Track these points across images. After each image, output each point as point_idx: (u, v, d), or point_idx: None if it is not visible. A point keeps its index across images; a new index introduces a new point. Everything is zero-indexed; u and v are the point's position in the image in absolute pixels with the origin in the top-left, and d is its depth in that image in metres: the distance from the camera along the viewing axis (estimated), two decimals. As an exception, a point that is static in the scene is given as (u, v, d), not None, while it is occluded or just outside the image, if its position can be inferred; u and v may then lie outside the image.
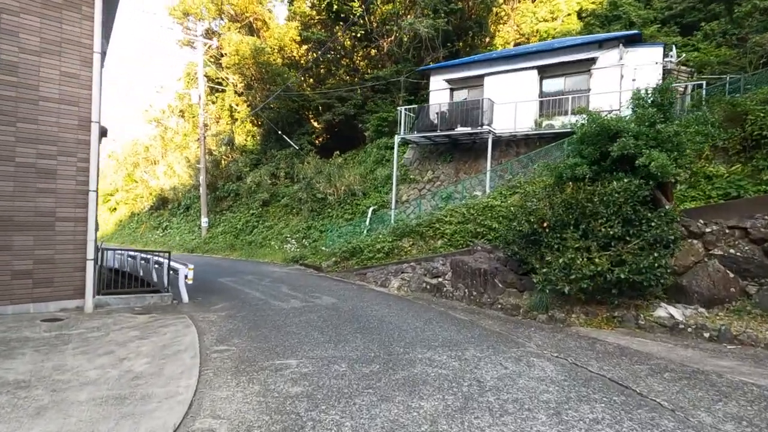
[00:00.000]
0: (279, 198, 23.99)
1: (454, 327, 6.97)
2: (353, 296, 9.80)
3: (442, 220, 13.44)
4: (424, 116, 17.10)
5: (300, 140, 25.87)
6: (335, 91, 25.84)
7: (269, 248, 20.63)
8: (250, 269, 15.40)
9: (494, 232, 12.12)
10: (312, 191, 21.52)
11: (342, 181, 20.64)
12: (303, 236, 20.35)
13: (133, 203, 35.60)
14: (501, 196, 13.28)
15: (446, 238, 13.01)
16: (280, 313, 7.95)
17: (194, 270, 15.85)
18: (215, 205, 26.12)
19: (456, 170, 17.60)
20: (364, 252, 14.24)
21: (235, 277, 13.27)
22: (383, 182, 19.81)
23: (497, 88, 16.68)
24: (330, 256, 15.70)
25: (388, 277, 11.76)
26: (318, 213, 21.12)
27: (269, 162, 26.52)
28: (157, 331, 6.43)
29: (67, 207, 6.95)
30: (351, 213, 19.71)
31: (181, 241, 26.06)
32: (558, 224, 7.43)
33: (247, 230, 23.49)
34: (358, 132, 26.59)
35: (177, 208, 29.95)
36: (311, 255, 17.09)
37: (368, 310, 8.17)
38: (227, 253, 21.82)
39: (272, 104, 25.66)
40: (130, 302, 7.95)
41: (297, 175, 23.19)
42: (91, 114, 7.01)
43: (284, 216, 22.86)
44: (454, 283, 9.71)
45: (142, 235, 31.19)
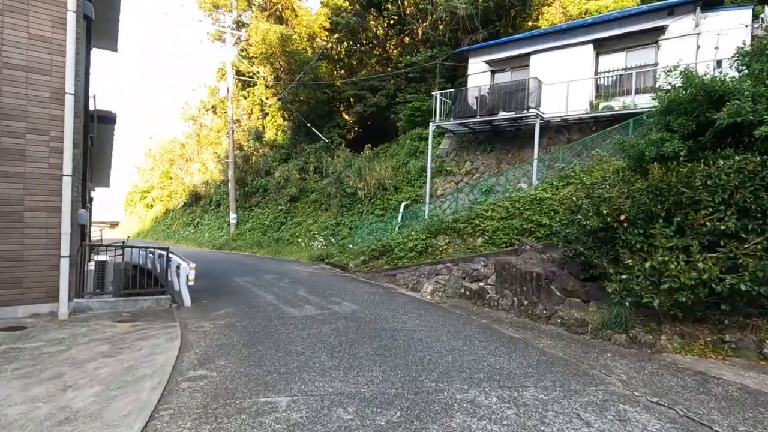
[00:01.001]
0: (308, 193, 22.94)
1: (503, 348, 5.38)
2: (378, 302, 8.35)
3: (482, 215, 11.79)
4: (462, 101, 15.41)
5: (330, 133, 24.73)
6: (367, 80, 24.50)
7: (296, 246, 19.58)
8: (272, 268, 14.30)
9: (544, 228, 10.40)
10: (341, 186, 20.30)
11: (372, 174, 19.27)
12: (331, 233, 19.15)
13: (167, 200, 35.80)
14: (552, 188, 11.48)
15: (487, 235, 11.36)
16: (289, 323, 6.62)
17: (213, 269, 14.95)
18: (244, 201, 25.44)
19: (497, 161, 15.81)
20: (395, 251, 12.80)
21: (254, 276, 12.16)
22: (416, 175, 18.28)
23: (545, 68, 14.76)
24: (358, 254, 14.37)
25: (420, 280, 10.25)
26: (347, 209, 19.86)
27: (298, 156, 25.55)
28: (132, 345, 5.24)
29: (38, 194, 5.93)
30: (382, 208, 18.31)
31: (210, 238, 25.57)
32: (641, 217, 5.68)
33: (274, 227, 22.58)
34: (390, 124, 25.17)
35: (208, 204, 29.64)
36: (338, 253, 15.82)
37: (394, 322, 6.70)
38: (254, 250, 20.96)
39: (301, 96, 24.66)
40: (119, 306, 6.87)
41: (326, 170, 22.03)
42: (65, 84, 5.95)
43: (313, 212, 21.78)
44: (498, 289, 8.07)
45: (175, 231, 31.14)
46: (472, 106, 15.14)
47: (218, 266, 15.10)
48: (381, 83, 24.43)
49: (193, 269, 7.95)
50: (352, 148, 23.30)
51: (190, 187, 32.73)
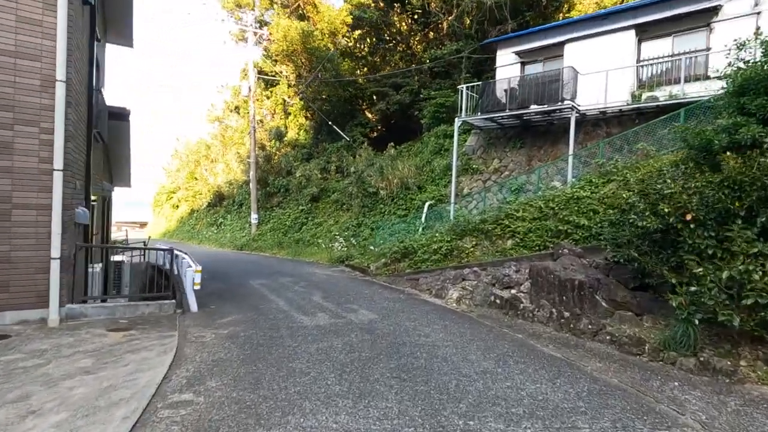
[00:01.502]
0: (329, 193, 22.40)
1: (545, 372, 4.53)
2: (399, 310, 7.59)
3: (512, 215, 10.89)
4: (490, 94, 14.48)
5: (352, 132, 24.14)
6: (390, 77, 23.80)
7: (316, 247, 19.03)
8: (289, 270, 13.75)
9: (582, 230, 9.44)
10: (363, 185, 19.64)
11: (395, 173, 18.54)
12: (352, 234, 18.51)
13: (192, 200, 36.03)
14: (590, 186, 10.47)
15: (518, 237, 10.46)
16: (297, 334, 5.95)
17: (230, 270, 14.49)
18: (266, 201, 25.14)
19: (528, 158, 14.80)
20: (418, 253, 12.04)
21: (270, 279, 11.60)
22: (441, 174, 17.44)
23: (581, 57, 13.67)
24: (379, 257, 13.65)
25: (445, 285, 9.43)
26: (369, 209, 19.19)
27: (320, 156, 25.07)
28: (120, 359, 4.66)
29: (27, 191, 5.46)
30: (405, 209, 17.55)
31: (231, 238, 25.39)
32: (713, 216, 4.73)
33: (295, 227, 22.13)
34: (414, 122, 24.39)
35: (231, 204, 29.55)
36: (359, 255, 15.15)
37: (415, 335, 5.93)
38: (275, 251, 20.55)
39: (323, 94, 24.17)
40: (118, 312, 6.36)
41: (347, 169, 21.42)
42: (55, 71, 5.47)
43: (334, 212, 21.21)
44: (534, 297, 7.18)
45: (199, 231, 31.22)
46: (500, 100, 14.20)
47: (235, 267, 14.67)
48: (404, 80, 23.69)
49: (198, 272, 7.39)
50: (375, 147, 22.63)
51: (214, 188, 32.79)
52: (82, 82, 6.77)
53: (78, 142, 6.42)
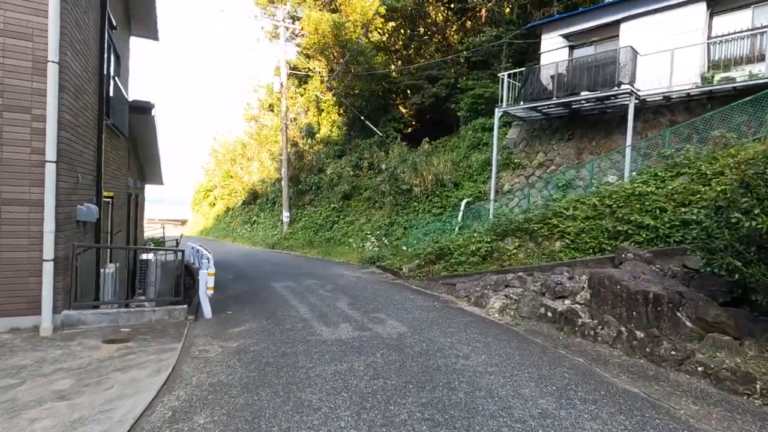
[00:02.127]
0: (361, 191, 21.65)
1: (623, 418, 3.47)
2: (433, 321, 6.65)
3: (561, 214, 9.70)
4: (534, 81, 13.20)
5: (386, 127, 23.29)
6: (424, 69, 22.76)
7: (347, 246, 18.32)
8: (317, 271, 13.06)
9: (646, 230, 8.18)
10: (396, 182, 18.75)
11: (430, 169, 17.52)
12: (384, 233, 17.67)
13: (228, 198, 36.34)
14: (655, 180, 9.11)
15: (568, 238, 9.29)
16: (314, 350, 5.13)
17: (256, 271, 13.93)
18: (298, 199, 24.73)
19: (577, 150, 13.42)
20: (454, 254, 11.04)
21: (295, 281, 10.93)
22: (479, 170, 16.28)
23: (639, 37, 12.16)
24: (412, 258, 12.73)
25: (485, 292, 8.38)
26: (402, 207, 18.28)
27: (352, 152, 24.39)
28: (105, 379, 3.99)
29: (17, 185, 4.93)
30: (440, 207, 16.52)
31: (263, 237, 25.16)
32: None
33: (326, 226, 21.54)
34: (449, 117, 23.27)
35: (265, 203, 29.43)
36: (390, 256, 14.28)
37: (453, 356, 4.97)
38: (305, 250, 20.02)
39: (356, 89, 23.45)
40: (121, 319, 5.77)
41: (378, 165, 20.60)
42: (47, 51, 4.91)
43: (366, 210, 20.45)
44: (595, 311, 6.04)
45: (234, 229, 31.34)
46: (546, 87, 12.89)
47: (262, 268, 14.16)
48: (440, 72, 22.58)
49: (211, 275, 6.73)
50: (409, 143, 21.68)
51: (248, 186, 32.85)
52: (87, 67, 6.24)
53: (81, 132, 5.88)
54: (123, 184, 10.17)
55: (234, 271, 13.52)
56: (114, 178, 8.83)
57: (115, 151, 9.00)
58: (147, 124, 11.44)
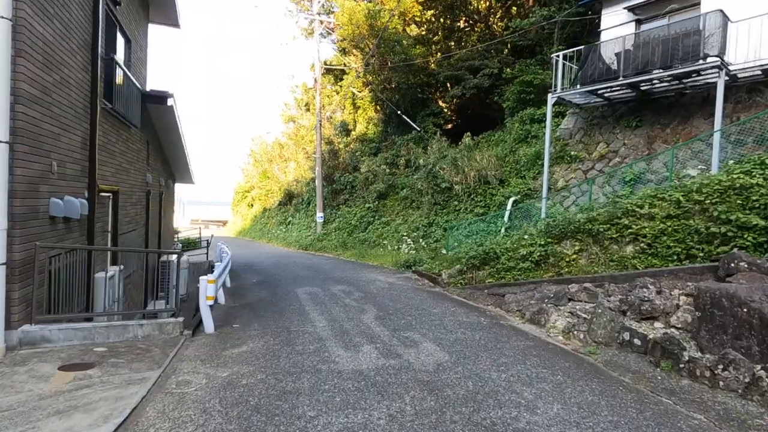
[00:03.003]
0: (397, 189, 20.40)
1: None
2: (480, 345, 5.26)
3: (633, 212, 8.04)
4: (595, 60, 11.44)
5: (424, 122, 21.93)
6: (465, 60, 21.22)
7: (382, 248, 17.11)
8: (348, 275, 11.91)
9: (754, 233, 6.41)
10: (434, 180, 17.37)
11: (473, 165, 16.01)
12: (422, 235, 16.32)
13: (265, 199, 36.15)
14: (762, 170, 7.26)
15: (644, 242, 7.64)
16: (323, 386, 3.90)
17: (282, 274, 12.81)
18: (332, 199, 23.82)
19: (647, 139, 11.52)
20: (501, 259, 9.57)
21: (321, 287, 9.82)
22: (528, 165, 14.61)
23: (727, 1, 10.17)
24: (452, 262, 11.34)
25: (543, 307, 6.87)
26: (441, 206, 16.86)
27: (388, 149, 23.20)
28: (30, 430, 2.92)
29: (-38, 171, 4.07)
30: (483, 206, 14.99)
31: (297, 238, 24.43)
32: None
33: (361, 227, 20.43)
34: (493, 111, 21.61)
35: (300, 203, 28.80)
36: (428, 260, 12.92)
37: (510, 404, 3.59)
38: (338, 252, 18.99)
39: (393, 83, 22.24)
40: (98, 335, 4.79)
41: (415, 162, 19.26)
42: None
43: (402, 210, 19.17)
44: (706, 342, 4.44)
45: (269, 230, 30.97)
46: (610, 66, 11.11)
47: (290, 271, 13.18)
48: (482, 62, 20.97)
49: (211, 283, 5.67)
50: (449, 140, 20.21)
51: (284, 186, 32.43)
52: (68, 37, 5.36)
53: (56, 112, 4.99)
54: (137, 180, 9.44)
55: (259, 274, 12.63)
56: (121, 172, 8.05)
57: (124, 142, 8.23)
58: (167, 117, 10.72)
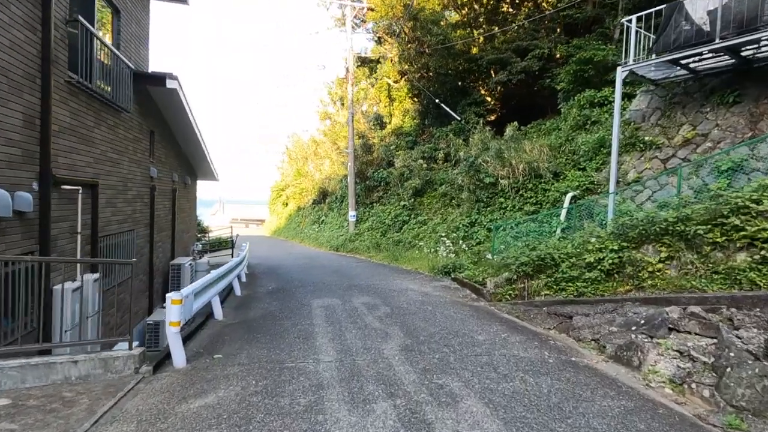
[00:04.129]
0: (435, 185, 18.66)
1: None
2: (549, 410, 3.52)
3: (746, 209, 6.00)
4: (679, 22, 9.23)
5: (465, 112, 20.03)
6: (511, 42, 19.15)
7: (418, 250, 15.46)
8: (375, 283, 10.37)
9: None
10: (477, 174, 15.51)
11: (521, 157, 14.04)
12: (462, 236, 14.52)
13: (299, 197, 35.35)
14: None
15: (766, 249, 5.59)
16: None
17: (303, 279, 11.01)
18: (365, 197, 22.37)
19: (750, 118, 9.19)
20: (561, 267, 7.76)
21: (342, 298, 8.33)
22: (589, 154, 12.49)
23: None
24: (499, 269, 9.54)
25: (632, 340, 4.98)
26: (484, 204, 14.99)
27: (425, 142, 21.49)
28: None
29: None
30: (534, 203, 13.02)
31: (329, 238, 23.19)
32: None
33: (395, 227, 18.85)
34: (541, 98, 19.40)
35: (334, 201, 27.61)
36: (470, 265, 11.15)
37: None
38: (371, 253, 17.50)
39: (430, 68, 20.48)
40: (5, 380, 3.48)
41: (454, 155, 17.42)
42: None
43: (441, 209, 17.42)
44: None
45: (302, 229, 30.04)
46: (701, 28, 8.89)
47: (312, 276, 11.80)
48: (531, 42, 18.82)
49: (176, 303, 4.24)
50: (493, 130, 18.22)
51: (318, 184, 31.42)
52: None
53: None
54: (133, 174, 8.32)
55: (279, 279, 11.34)
56: (105, 163, 6.89)
57: (110, 129, 7.07)
58: (174, 104, 9.58)
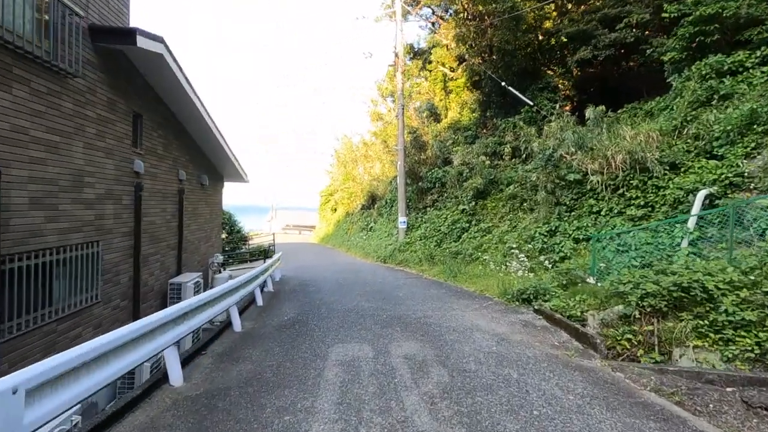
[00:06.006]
0: (501, 186, 15.58)
1: None
2: None
3: None
4: None
5: (536, 99, 16.76)
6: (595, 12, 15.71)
7: (482, 265, 12.47)
8: (428, 315, 7.63)
9: None
10: (556, 170, 12.33)
11: (621, 145, 10.72)
12: (540, 248, 11.39)
13: (348, 202, 33.31)
14: None
15: None
16: None
17: (334, 306, 7.79)
18: (418, 200, 19.64)
19: None
20: (724, 303, 4.63)
21: (375, 345, 5.70)
22: (730, 136, 8.97)
23: None
24: (606, 299, 6.48)
25: None
26: (568, 207, 11.77)
27: (488, 136, 18.43)
28: None
29: None
30: (641, 205, 9.70)
31: (376, 247, 20.66)
32: None
33: (453, 235, 15.96)
34: (631, 78, 15.84)
35: (384, 206, 25.13)
36: (557, 289, 8.10)
37: None
38: (423, 267, 14.72)
39: (494, 49, 17.47)
40: None
41: (528, 148, 14.25)
42: None
43: (509, 213, 14.33)
44: None
45: (350, 237, 27.84)
46: None
47: (347, 299, 9.26)
48: (623, 8, 15.28)
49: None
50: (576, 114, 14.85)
51: (367, 187, 29.16)
52: None
53: None
54: (95, 165, 6.24)
55: (303, 303, 8.92)
56: (25, 144, 4.77)
57: (40, 98, 4.97)
58: (166, 79, 7.50)
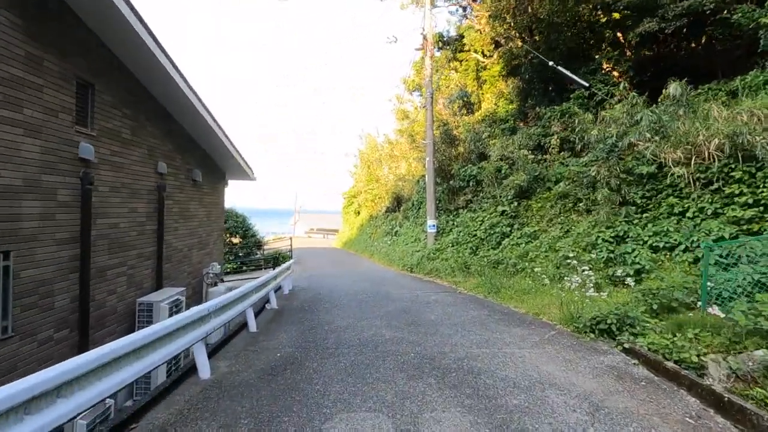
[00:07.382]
0: (548, 183, 13.28)
1: None
2: None
3: None
4: None
5: (588, 82, 14.39)
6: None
7: (530, 278, 10.24)
8: (473, 354, 5.55)
9: None
10: (621, 162, 10.02)
11: (712, 128, 8.35)
12: (606, 257, 9.06)
13: (371, 205, 31.40)
14: None
15: None
16: None
17: (345, 332, 5.74)
18: (449, 201, 17.48)
19: None
20: None
21: (399, 418, 3.63)
22: None
23: None
24: (737, 336, 4.20)
25: None
26: (640, 207, 9.46)
27: (530, 126, 16.14)
28: None
29: None
30: (749, 205, 7.32)
31: (402, 254, 18.56)
32: None
33: (491, 241, 13.73)
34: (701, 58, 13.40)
35: (410, 207, 23.06)
36: (648, 316, 5.85)
37: None
38: (456, 278, 12.56)
39: (539, 24, 15.20)
40: None
41: (584, 138, 11.92)
42: None
43: (560, 215, 12.02)
44: None
45: (374, 242, 25.88)
46: None
47: (363, 323, 7.25)
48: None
49: None
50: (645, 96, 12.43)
51: (392, 188, 27.17)
52: None
53: None
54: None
55: (308, 330, 6.97)
56: None
57: None
58: (130, 40, 5.74)
